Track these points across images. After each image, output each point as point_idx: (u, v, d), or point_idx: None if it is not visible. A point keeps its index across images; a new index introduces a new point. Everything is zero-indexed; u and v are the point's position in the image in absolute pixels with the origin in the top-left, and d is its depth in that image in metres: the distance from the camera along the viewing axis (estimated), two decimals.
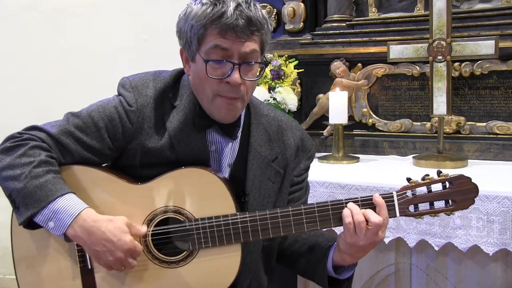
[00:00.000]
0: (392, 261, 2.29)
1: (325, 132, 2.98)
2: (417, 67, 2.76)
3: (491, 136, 2.64)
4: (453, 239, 2.03)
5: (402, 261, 2.27)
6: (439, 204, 1.46)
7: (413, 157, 2.61)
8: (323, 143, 3.00)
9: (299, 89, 3.03)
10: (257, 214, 1.43)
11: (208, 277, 1.45)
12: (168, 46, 2.06)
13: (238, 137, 1.54)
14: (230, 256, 1.45)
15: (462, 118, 2.70)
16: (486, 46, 2.42)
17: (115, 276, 1.46)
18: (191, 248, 1.45)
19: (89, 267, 1.47)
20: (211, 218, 1.43)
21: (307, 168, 1.68)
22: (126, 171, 1.51)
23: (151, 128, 1.48)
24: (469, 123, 2.69)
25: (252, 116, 1.57)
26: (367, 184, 2.19)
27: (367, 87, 2.91)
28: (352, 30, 2.95)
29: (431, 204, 1.46)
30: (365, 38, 2.89)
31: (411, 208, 1.45)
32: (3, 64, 3.71)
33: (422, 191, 1.45)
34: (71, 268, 1.47)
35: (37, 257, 1.48)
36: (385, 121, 2.89)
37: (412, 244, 2.12)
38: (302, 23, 3.09)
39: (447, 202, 1.46)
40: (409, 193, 1.44)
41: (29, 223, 1.38)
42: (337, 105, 2.68)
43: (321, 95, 2.99)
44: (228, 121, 1.48)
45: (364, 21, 2.95)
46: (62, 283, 1.48)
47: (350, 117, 2.90)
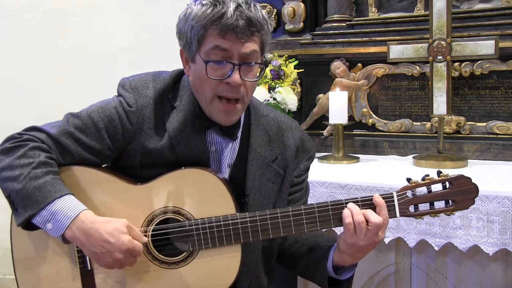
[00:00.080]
0: (392, 261, 2.29)
1: (325, 132, 2.98)
2: (417, 67, 2.76)
3: (491, 136, 2.64)
4: (453, 239, 2.03)
5: (402, 261, 2.27)
6: (439, 204, 1.46)
7: (413, 157, 2.61)
8: (323, 143, 3.00)
9: (299, 89, 3.03)
10: (257, 214, 1.43)
11: (208, 277, 1.45)
12: (168, 46, 2.06)
13: (238, 138, 1.54)
14: (230, 256, 1.44)
15: (462, 118, 2.69)
16: (486, 46, 2.42)
17: (115, 277, 1.46)
18: (191, 248, 1.44)
19: (88, 268, 1.47)
20: (211, 218, 1.43)
21: (307, 169, 1.68)
22: (126, 172, 1.51)
23: (151, 129, 1.48)
24: (469, 123, 2.69)
25: (252, 117, 1.57)
26: (367, 184, 2.19)
27: (367, 87, 2.91)
28: (352, 30, 2.95)
29: (431, 204, 1.46)
30: (365, 38, 2.89)
31: (411, 208, 1.45)
32: (3, 64, 3.71)
33: (422, 191, 1.45)
34: (70, 269, 1.47)
35: (37, 258, 1.48)
36: (385, 121, 2.89)
37: (412, 244, 2.12)
38: (302, 23, 3.08)
39: (447, 202, 1.46)
40: (409, 193, 1.44)
41: (27, 224, 1.38)
42: (337, 105, 2.68)
43: (321, 95, 2.99)
44: (228, 124, 1.48)
45: (364, 21, 2.95)
46: (61, 284, 1.47)
47: (350, 117, 2.89)
